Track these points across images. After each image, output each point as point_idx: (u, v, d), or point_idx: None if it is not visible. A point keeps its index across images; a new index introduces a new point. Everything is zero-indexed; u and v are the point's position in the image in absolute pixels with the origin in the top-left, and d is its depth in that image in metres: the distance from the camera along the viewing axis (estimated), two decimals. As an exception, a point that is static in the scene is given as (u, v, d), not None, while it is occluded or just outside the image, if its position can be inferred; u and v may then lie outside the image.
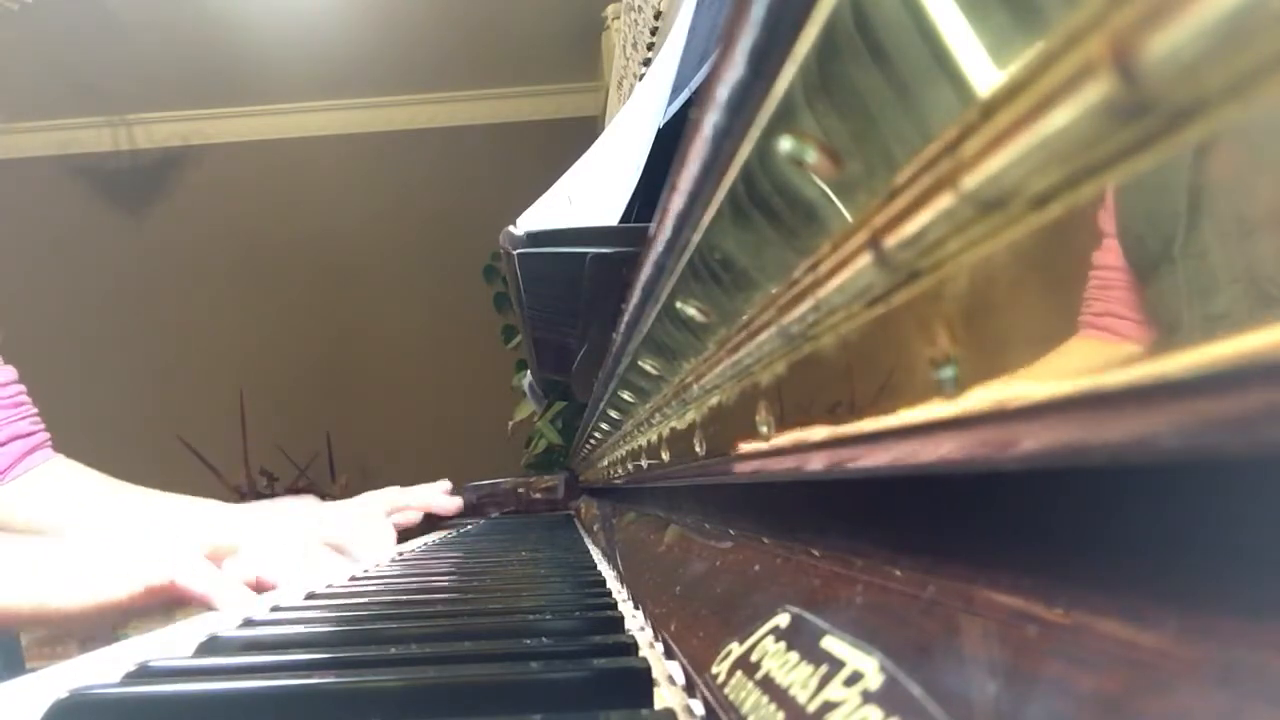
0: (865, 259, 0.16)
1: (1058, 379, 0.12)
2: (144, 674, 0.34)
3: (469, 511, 1.46)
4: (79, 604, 0.63)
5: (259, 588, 0.68)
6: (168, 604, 0.66)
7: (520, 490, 1.67)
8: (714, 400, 0.31)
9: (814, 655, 0.20)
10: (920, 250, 0.14)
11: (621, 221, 0.64)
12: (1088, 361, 0.11)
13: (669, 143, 0.62)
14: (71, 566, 0.65)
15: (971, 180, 0.12)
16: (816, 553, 0.25)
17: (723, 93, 0.19)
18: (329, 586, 0.63)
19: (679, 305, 0.29)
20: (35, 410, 0.99)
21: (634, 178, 0.64)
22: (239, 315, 3.33)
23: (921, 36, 0.13)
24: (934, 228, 0.13)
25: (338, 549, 0.83)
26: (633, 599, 0.49)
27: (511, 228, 0.64)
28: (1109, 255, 0.11)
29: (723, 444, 0.30)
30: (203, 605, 0.64)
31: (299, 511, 0.85)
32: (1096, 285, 0.11)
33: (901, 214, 0.14)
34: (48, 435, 0.99)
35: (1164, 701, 0.10)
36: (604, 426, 0.70)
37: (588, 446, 0.96)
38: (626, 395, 0.50)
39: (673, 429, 0.40)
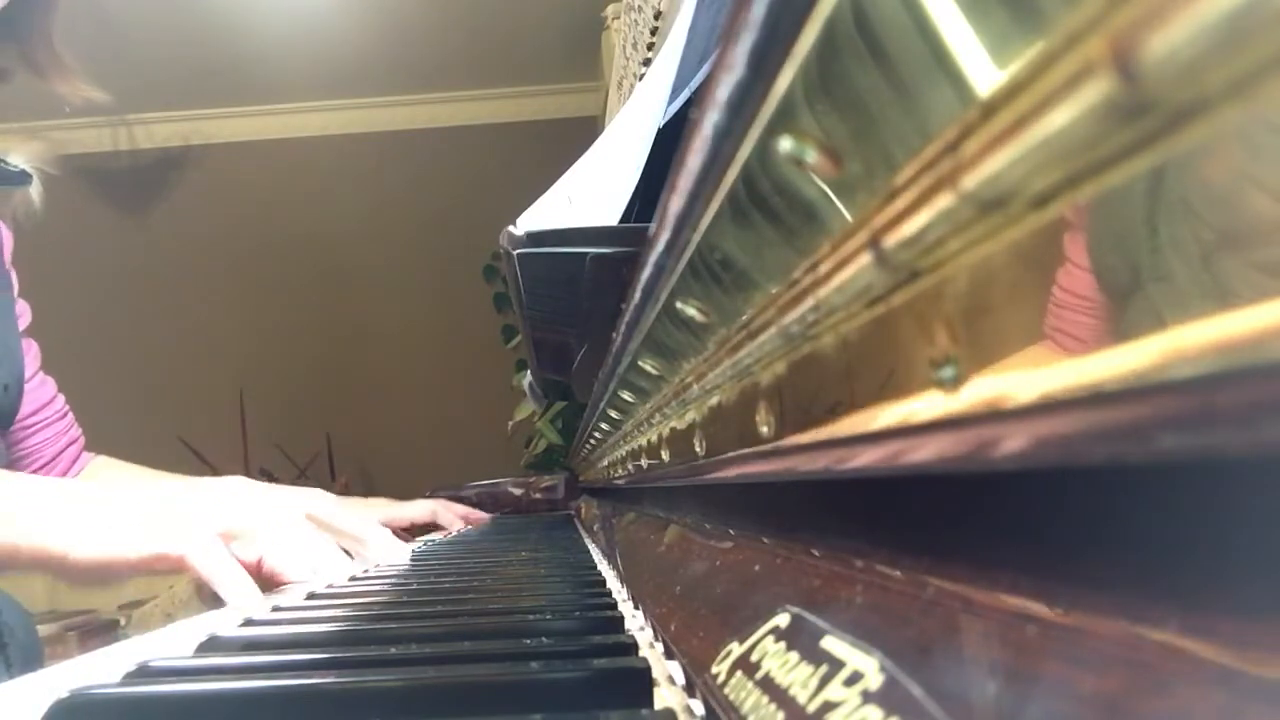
0: (865, 259, 0.16)
1: (1058, 378, 0.12)
2: (144, 674, 0.34)
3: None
4: (94, 556, 0.63)
5: (261, 572, 0.67)
6: (170, 571, 0.66)
7: (520, 490, 1.67)
8: (714, 400, 0.31)
9: (814, 655, 0.20)
10: (920, 250, 0.14)
11: (621, 221, 0.64)
12: (1087, 361, 0.11)
13: (669, 143, 0.62)
14: (92, 514, 0.65)
15: (971, 180, 0.12)
16: (816, 553, 0.25)
17: (723, 93, 0.19)
18: (329, 586, 0.63)
19: (679, 305, 0.29)
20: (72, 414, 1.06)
21: (634, 178, 0.64)
22: (239, 315, 3.33)
23: (921, 36, 0.13)
24: (934, 228, 0.13)
25: (349, 538, 0.83)
26: (633, 599, 0.49)
27: (511, 228, 0.64)
28: (1109, 254, 0.11)
29: (723, 444, 0.30)
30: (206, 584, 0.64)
31: (311, 500, 0.84)
32: (1096, 284, 0.11)
33: (901, 214, 0.14)
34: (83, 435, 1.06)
35: (1164, 701, 0.10)
36: (604, 426, 0.70)
37: (588, 446, 0.96)
38: (626, 395, 0.50)
39: (673, 429, 0.40)
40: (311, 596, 0.57)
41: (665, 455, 0.43)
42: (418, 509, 1.28)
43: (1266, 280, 0.08)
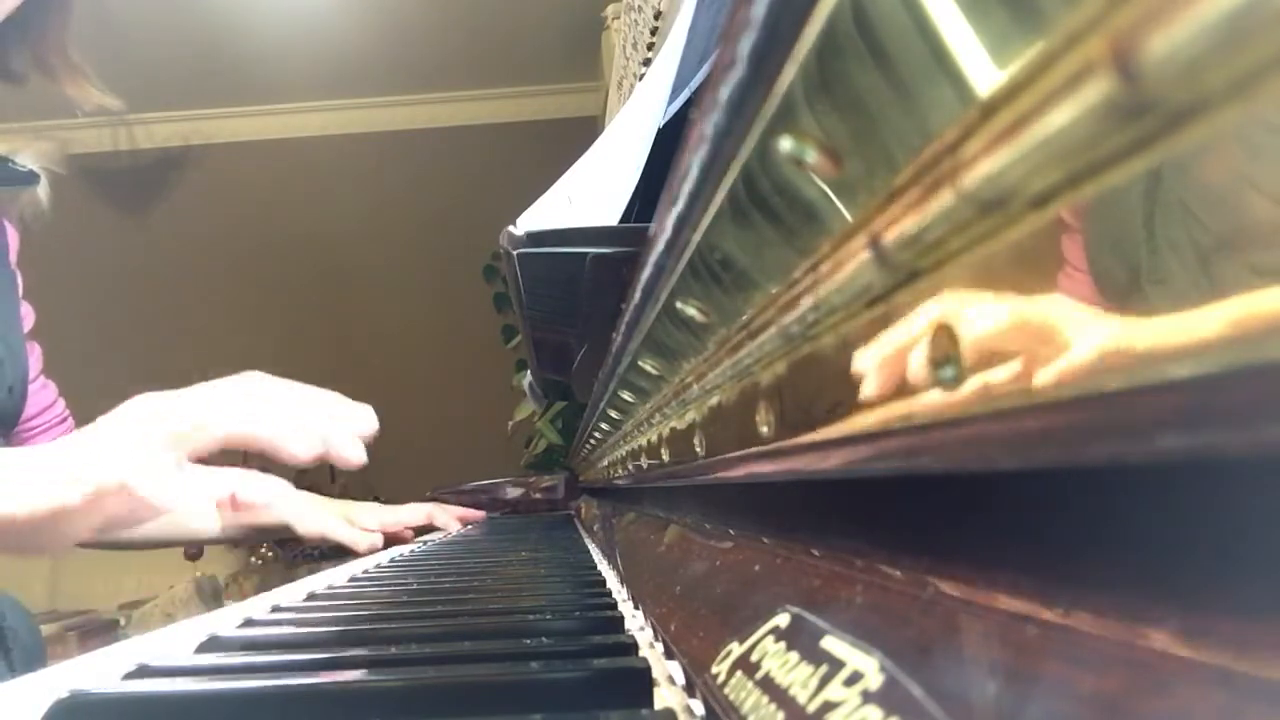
0: (865, 258, 0.16)
1: (1057, 378, 0.11)
2: (144, 674, 0.34)
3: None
4: (28, 510, 0.56)
5: (235, 504, 0.63)
6: (132, 513, 0.58)
7: (520, 490, 1.67)
8: (714, 400, 0.31)
9: (814, 655, 0.20)
10: (920, 250, 0.14)
11: (621, 221, 0.64)
12: (1087, 361, 0.11)
13: (669, 143, 0.62)
14: (16, 472, 0.58)
15: (971, 180, 0.12)
16: (816, 553, 0.25)
17: (723, 93, 0.19)
18: (329, 587, 0.63)
19: (679, 305, 0.29)
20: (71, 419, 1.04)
21: (634, 178, 0.64)
22: (239, 315, 3.33)
23: (921, 36, 0.13)
24: (934, 227, 0.13)
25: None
26: (633, 599, 0.49)
27: (511, 228, 0.64)
28: (1109, 254, 0.11)
29: (723, 444, 0.30)
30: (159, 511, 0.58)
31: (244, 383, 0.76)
32: (1096, 284, 0.11)
33: (901, 214, 0.14)
34: None
35: (1164, 701, 0.10)
36: (604, 426, 0.70)
37: (588, 446, 0.96)
38: (626, 395, 0.50)
39: (673, 429, 0.40)
40: (311, 596, 0.57)
41: (665, 455, 0.43)
42: (412, 512, 1.24)
43: (1265, 281, 0.08)
